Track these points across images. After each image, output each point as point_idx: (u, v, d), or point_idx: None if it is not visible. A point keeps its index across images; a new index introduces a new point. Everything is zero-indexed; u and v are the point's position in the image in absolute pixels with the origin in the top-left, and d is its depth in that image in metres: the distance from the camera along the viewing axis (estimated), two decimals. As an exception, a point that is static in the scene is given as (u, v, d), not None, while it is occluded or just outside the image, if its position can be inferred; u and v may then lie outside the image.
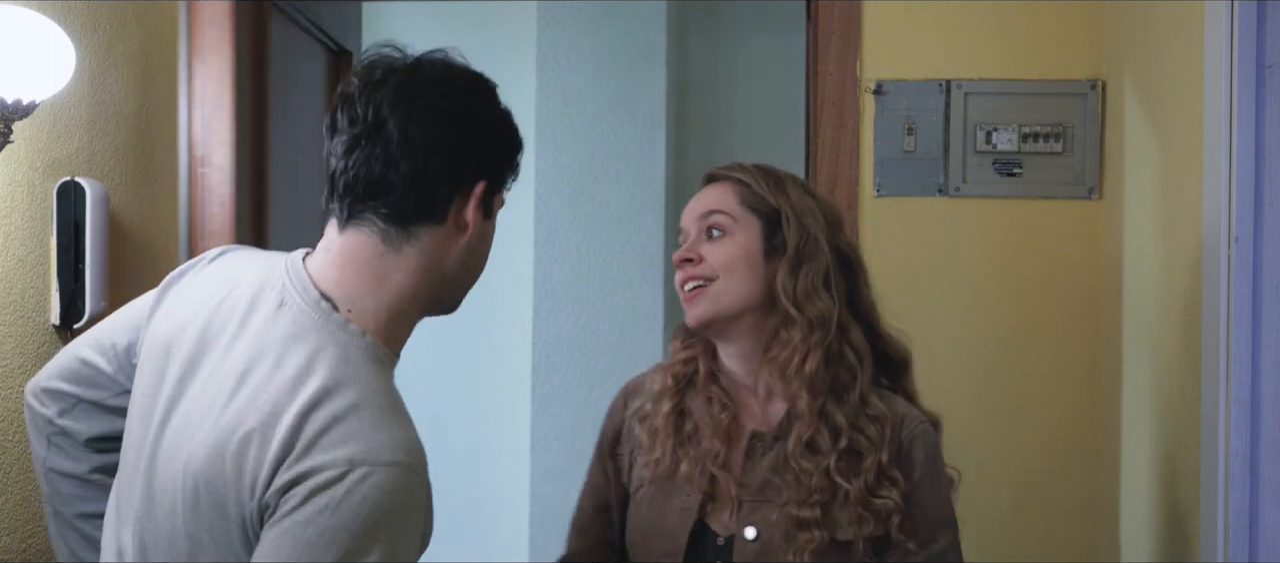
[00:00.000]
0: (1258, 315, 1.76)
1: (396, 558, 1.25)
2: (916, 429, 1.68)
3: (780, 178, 1.71)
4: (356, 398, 1.29)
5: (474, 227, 1.39)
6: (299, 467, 1.25)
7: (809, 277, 1.64)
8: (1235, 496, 1.77)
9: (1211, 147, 1.86)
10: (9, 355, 1.94)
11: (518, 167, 1.45)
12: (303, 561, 1.22)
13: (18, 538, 1.96)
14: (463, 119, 1.37)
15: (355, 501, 1.23)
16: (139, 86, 2.34)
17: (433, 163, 1.35)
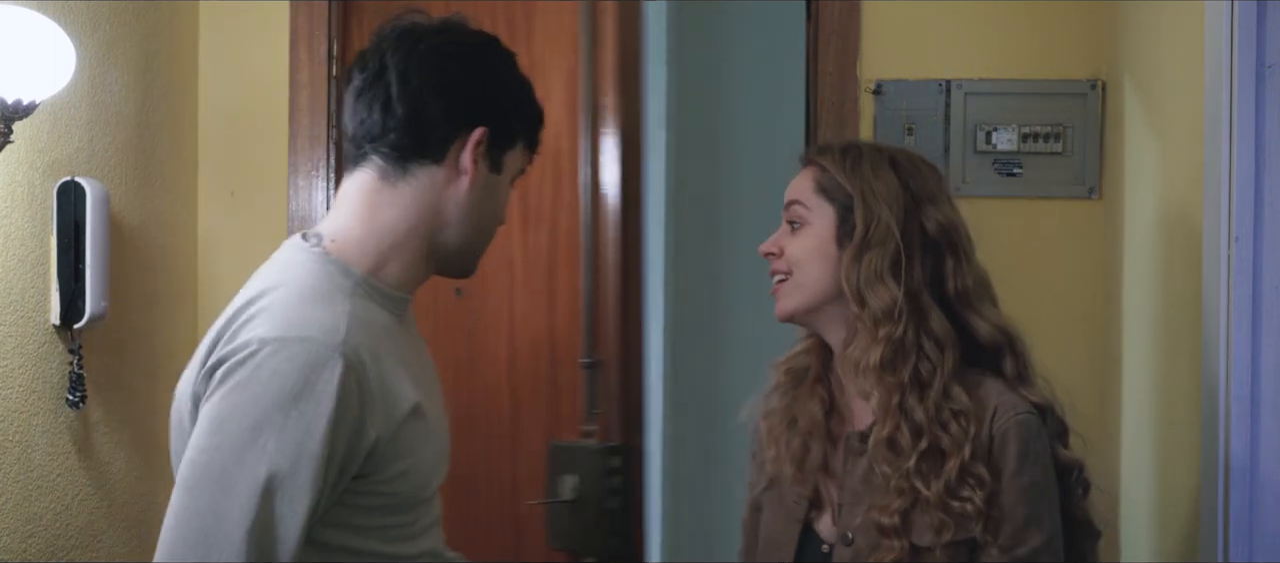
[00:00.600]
0: (1258, 315, 1.76)
1: (311, 434, 1.27)
2: (1010, 421, 1.52)
3: (862, 156, 1.59)
4: (284, 292, 1.35)
5: (475, 174, 1.43)
6: (218, 353, 1.32)
7: (871, 265, 1.53)
8: (1235, 496, 1.77)
9: (1211, 146, 1.86)
10: (9, 355, 1.94)
11: (533, 134, 1.50)
12: (218, 436, 1.27)
13: (18, 538, 1.96)
14: (463, 64, 1.43)
15: (264, 374, 1.27)
16: (139, 86, 2.34)
17: (430, 102, 1.41)
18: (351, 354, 1.31)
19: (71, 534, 2.11)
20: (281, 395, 1.27)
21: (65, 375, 2.07)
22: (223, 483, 1.26)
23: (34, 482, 2.00)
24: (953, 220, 1.59)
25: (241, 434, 1.27)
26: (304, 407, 1.27)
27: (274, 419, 1.27)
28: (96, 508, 2.19)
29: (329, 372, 1.29)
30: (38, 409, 2.01)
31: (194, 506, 1.27)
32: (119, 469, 2.27)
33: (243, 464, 1.26)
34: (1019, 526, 1.51)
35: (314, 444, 1.27)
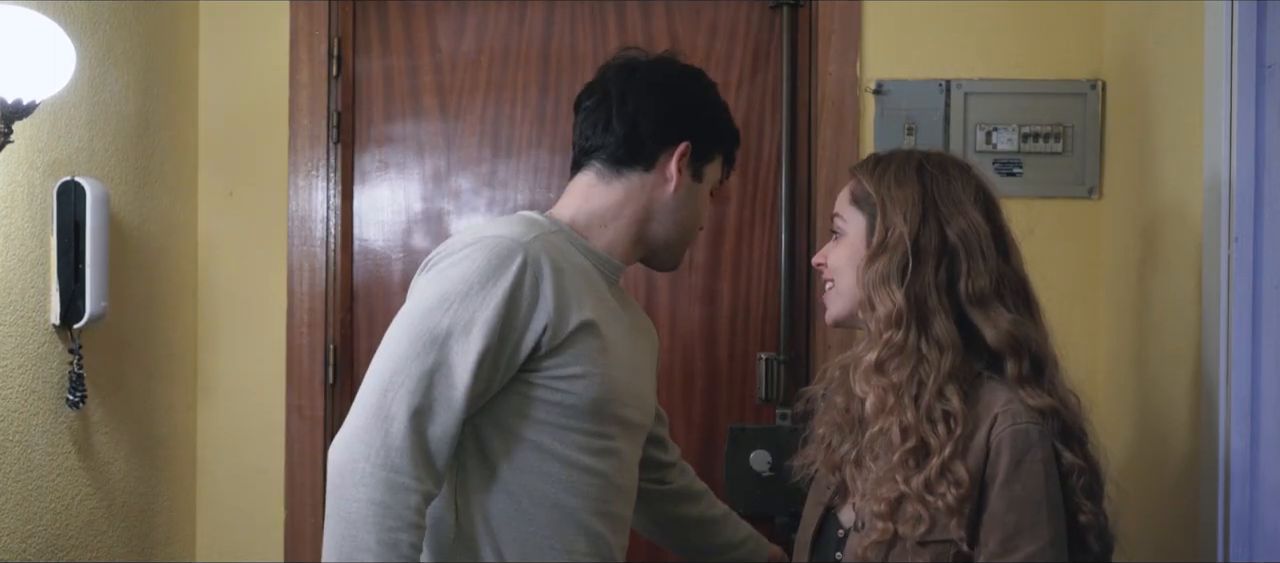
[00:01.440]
0: (1258, 315, 1.76)
1: (486, 305, 1.57)
2: (1006, 431, 1.54)
3: (890, 165, 1.65)
4: (493, 220, 1.77)
5: (679, 181, 1.76)
6: (429, 256, 1.68)
7: (879, 271, 1.59)
8: (1235, 496, 1.77)
9: (1211, 146, 1.86)
10: (9, 355, 1.94)
11: (730, 151, 1.83)
12: (415, 303, 1.61)
13: (17, 538, 1.96)
14: (671, 90, 1.77)
15: (458, 260, 1.61)
16: (139, 87, 2.34)
17: (643, 121, 1.75)
18: (532, 254, 1.61)
19: (71, 534, 2.11)
20: (470, 275, 1.59)
21: (65, 375, 2.07)
22: (410, 335, 1.57)
23: (34, 482, 2.00)
24: (974, 224, 1.60)
25: (432, 301, 1.59)
26: (486, 284, 1.58)
27: (459, 291, 1.58)
28: (96, 508, 2.19)
29: (511, 261, 1.60)
30: (38, 409, 2.01)
31: (389, 350, 1.58)
32: (119, 469, 2.27)
33: (428, 320, 1.58)
34: (1009, 534, 1.52)
35: (488, 313, 1.57)
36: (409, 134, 2.64)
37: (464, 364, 1.56)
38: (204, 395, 2.62)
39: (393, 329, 1.61)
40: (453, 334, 1.57)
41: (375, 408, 1.54)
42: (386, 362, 1.58)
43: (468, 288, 1.58)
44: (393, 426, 1.53)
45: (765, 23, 2.60)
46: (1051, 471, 1.55)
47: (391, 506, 1.51)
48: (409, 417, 1.54)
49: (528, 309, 1.60)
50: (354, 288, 2.65)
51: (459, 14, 2.64)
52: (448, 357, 1.56)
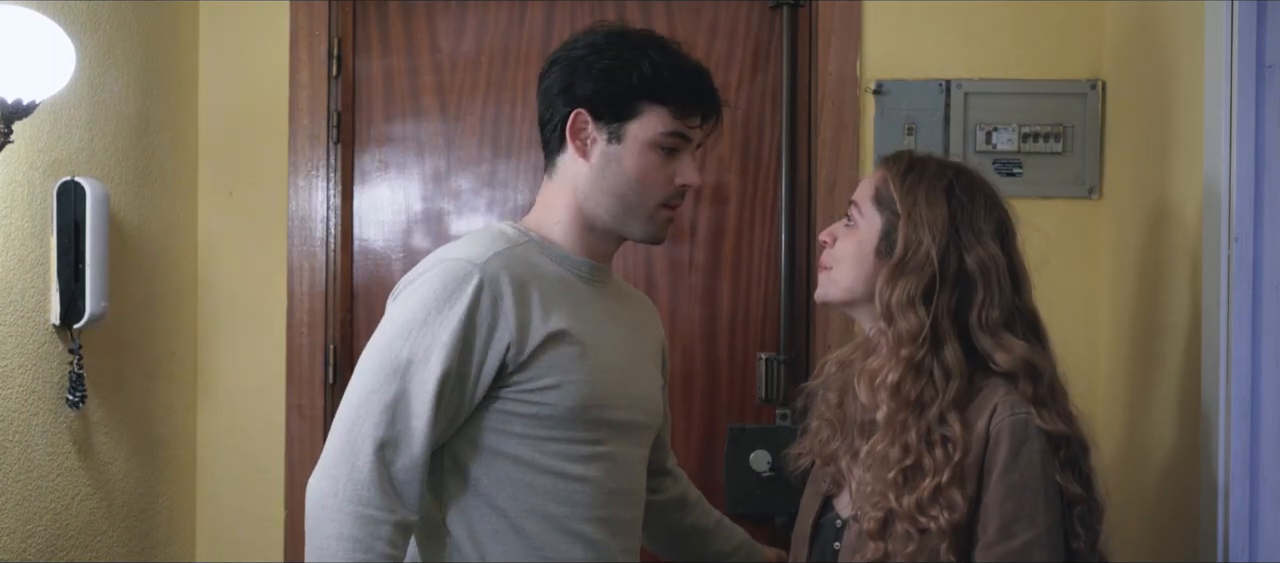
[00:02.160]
0: (1258, 315, 1.75)
1: (444, 329, 1.57)
2: (1005, 419, 1.56)
3: (923, 176, 1.64)
4: (459, 239, 1.74)
5: (581, 148, 1.70)
6: (398, 284, 1.68)
7: (905, 289, 1.58)
8: (1235, 496, 1.77)
9: (1211, 146, 1.85)
10: (9, 355, 1.94)
11: (665, 97, 1.68)
12: (381, 334, 1.62)
13: (17, 538, 1.96)
14: (562, 62, 1.72)
15: (418, 287, 1.61)
16: (139, 86, 2.34)
17: (545, 105, 1.74)
18: (489, 273, 1.61)
19: (71, 534, 2.11)
20: (427, 300, 1.59)
21: (65, 375, 2.07)
22: (375, 365, 1.59)
23: (34, 482, 2.00)
24: (993, 256, 1.62)
25: (395, 330, 1.60)
26: (443, 310, 1.59)
27: (418, 318, 1.59)
28: (96, 508, 2.19)
29: (467, 283, 1.59)
30: (38, 409, 2.01)
31: (357, 382, 1.60)
32: (119, 469, 2.27)
33: (391, 349, 1.59)
34: (1007, 521, 1.53)
35: (445, 337, 1.57)
36: (409, 134, 2.64)
37: (424, 392, 1.57)
38: (204, 395, 2.62)
39: (361, 359, 1.62)
40: (413, 363, 1.57)
41: (343, 442, 1.56)
42: (354, 394, 1.59)
43: (425, 314, 1.59)
44: (359, 459, 1.54)
45: (765, 23, 2.60)
46: (1049, 460, 1.56)
47: (361, 539, 1.52)
48: (374, 450, 1.55)
49: (487, 330, 1.60)
50: (354, 288, 2.65)
51: (459, 14, 2.64)
52: (408, 386, 1.57)
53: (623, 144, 1.69)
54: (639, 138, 1.69)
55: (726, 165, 2.60)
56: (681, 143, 1.72)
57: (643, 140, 1.69)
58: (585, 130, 1.70)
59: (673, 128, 1.70)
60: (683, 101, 1.70)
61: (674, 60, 1.71)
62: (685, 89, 1.71)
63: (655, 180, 1.71)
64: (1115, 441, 2.41)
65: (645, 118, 1.69)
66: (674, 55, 1.72)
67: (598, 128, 1.69)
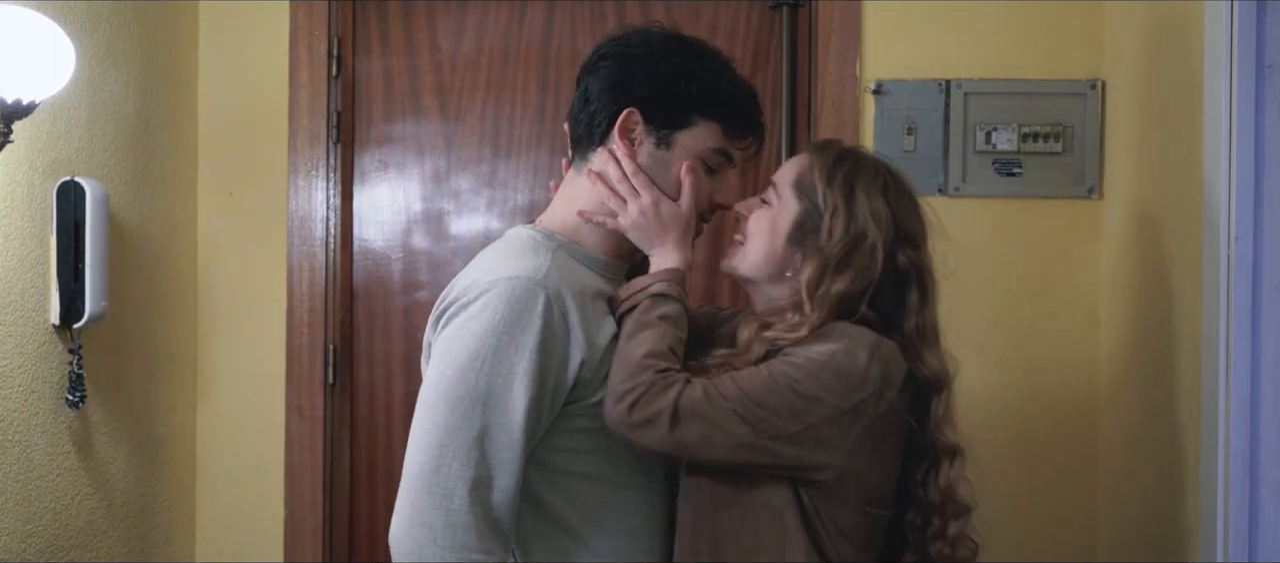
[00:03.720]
0: (1258, 315, 1.76)
1: (521, 355, 1.48)
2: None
3: (857, 172, 1.61)
4: (495, 249, 1.63)
5: (639, 151, 1.62)
6: (442, 304, 1.57)
7: (844, 284, 1.56)
8: (1235, 496, 1.77)
9: (1211, 146, 1.86)
10: (9, 355, 1.94)
11: (722, 116, 1.63)
12: (445, 363, 1.50)
13: (17, 538, 1.96)
14: (621, 57, 1.64)
15: (479, 309, 1.50)
16: (139, 86, 2.34)
17: (594, 96, 1.64)
18: (552, 288, 1.52)
19: (71, 534, 2.11)
20: (495, 324, 1.49)
21: (65, 375, 2.07)
22: (449, 401, 1.48)
23: (34, 482, 2.00)
24: (926, 261, 1.62)
25: (464, 361, 1.49)
26: (515, 333, 1.49)
27: (489, 345, 1.48)
28: (96, 508, 2.19)
29: (535, 302, 1.50)
30: (37, 409, 2.01)
31: (429, 420, 1.49)
32: (119, 469, 2.27)
33: (465, 382, 1.48)
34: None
35: (526, 363, 1.48)
36: (409, 134, 2.64)
37: (512, 424, 1.48)
38: (204, 395, 2.62)
39: (427, 395, 1.51)
40: (493, 393, 1.48)
41: (430, 486, 1.46)
42: (430, 433, 1.48)
43: (497, 341, 1.48)
44: (453, 502, 1.45)
45: (765, 23, 2.60)
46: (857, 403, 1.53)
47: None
48: (469, 491, 1.46)
49: (563, 348, 1.52)
50: (354, 288, 2.65)
51: (459, 14, 2.64)
52: (492, 418, 1.48)
53: (671, 151, 1.63)
54: (688, 149, 1.64)
55: (726, 165, 2.59)
56: (725, 162, 1.67)
57: (691, 152, 1.64)
58: (635, 131, 1.62)
59: (721, 145, 1.65)
60: (736, 121, 1.65)
61: (732, 78, 1.66)
62: (740, 109, 1.66)
63: (694, 195, 1.65)
64: (1115, 440, 2.41)
65: (697, 130, 1.63)
66: (732, 74, 1.67)
67: (646, 131, 1.62)
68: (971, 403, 2.51)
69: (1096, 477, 2.49)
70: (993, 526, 2.52)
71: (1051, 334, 2.52)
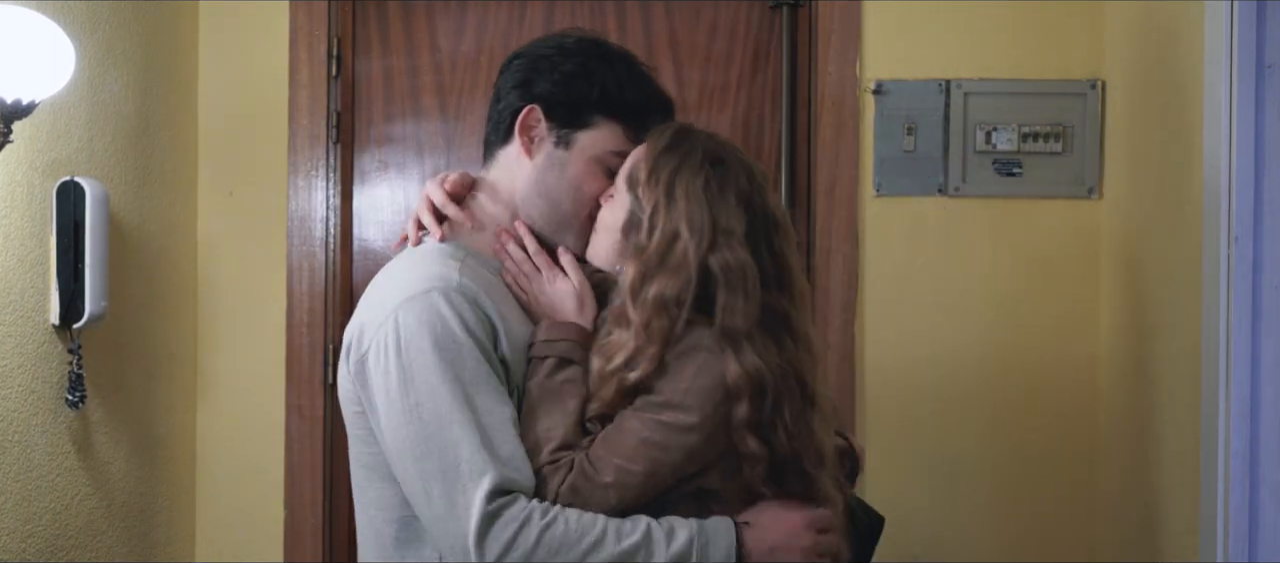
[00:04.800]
0: (1258, 315, 1.76)
1: (468, 349, 1.47)
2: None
3: (680, 167, 1.56)
4: (399, 265, 1.60)
5: (526, 146, 1.62)
6: (359, 350, 1.53)
7: (661, 288, 1.52)
8: (1235, 496, 1.77)
9: (1211, 147, 1.86)
10: (9, 355, 1.94)
11: (624, 117, 1.62)
12: (409, 397, 1.48)
13: (17, 538, 1.96)
14: (525, 58, 1.65)
15: (409, 331, 1.48)
16: (139, 86, 2.34)
17: (500, 96, 1.66)
18: (467, 289, 1.51)
19: (71, 534, 2.11)
20: (432, 337, 1.47)
21: (65, 375, 2.07)
22: (439, 422, 1.45)
23: (34, 482, 2.00)
24: (741, 260, 1.53)
25: (426, 381, 1.46)
26: (453, 335, 1.47)
27: (434, 357, 1.46)
28: (96, 508, 2.19)
29: (455, 302, 1.49)
30: (37, 409, 2.01)
31: (427, 450, 1.45)
32: (119, 469, 2.27)
33: (439, 397, 1.45)
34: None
35: (478, 351, 1.48)
36: (409, 134, 2.64)
37: (501, 407, 1.48)
38: (204, 395, 2.62)
39: (411, 432, 1.47)
40: (470, 390, 1.47)
41: (450, 507, 1.44)
42: (437, 461, 1.45)
43: (438, 350, 1.47)
44: (474, 508, 1.43)
45: (765, 23, 2.60)
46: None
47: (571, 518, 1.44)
48: (487, 484, 1.44)
49: (491, 338, 1.52)
50: (353, 288, 2.65)
51: (459, 14, 2.64)
52: (483, 412, 1.46)
53: (570, 151, 1.62)
54: (587, 150, 1.62)
55: (726, 165, 2.59)
56: None
57: (590, 153, 1.62)
58: (536, 128, 1.62)
59: (623, 147, 1.62)
60: (639, 124, 1.63)
61: (641, 82, 1.65)
62: (644, 111, 1.64)
63: (593, 196, 1.63)
64: (1115, 440, 2.41)
65: (598, 131, 1.62)
66: (643, 77, 1.66)
67: (548, 128, 1.62)
68: (971, 402, 2.52)
69: (1096, 477, 2.49)
70: (990, 525, 2.53)
71: (1051, 334, 2.52)
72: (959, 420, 2.53)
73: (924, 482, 2.52)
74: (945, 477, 2.52)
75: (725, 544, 1.47)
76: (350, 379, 1.55)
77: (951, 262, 2.53)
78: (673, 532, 1.46)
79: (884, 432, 2.53)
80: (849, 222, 2.53)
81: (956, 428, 2.53)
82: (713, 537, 1.47)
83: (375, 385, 1.50)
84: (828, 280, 2.53)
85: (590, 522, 1.44)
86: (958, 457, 2.53)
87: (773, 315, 1.54)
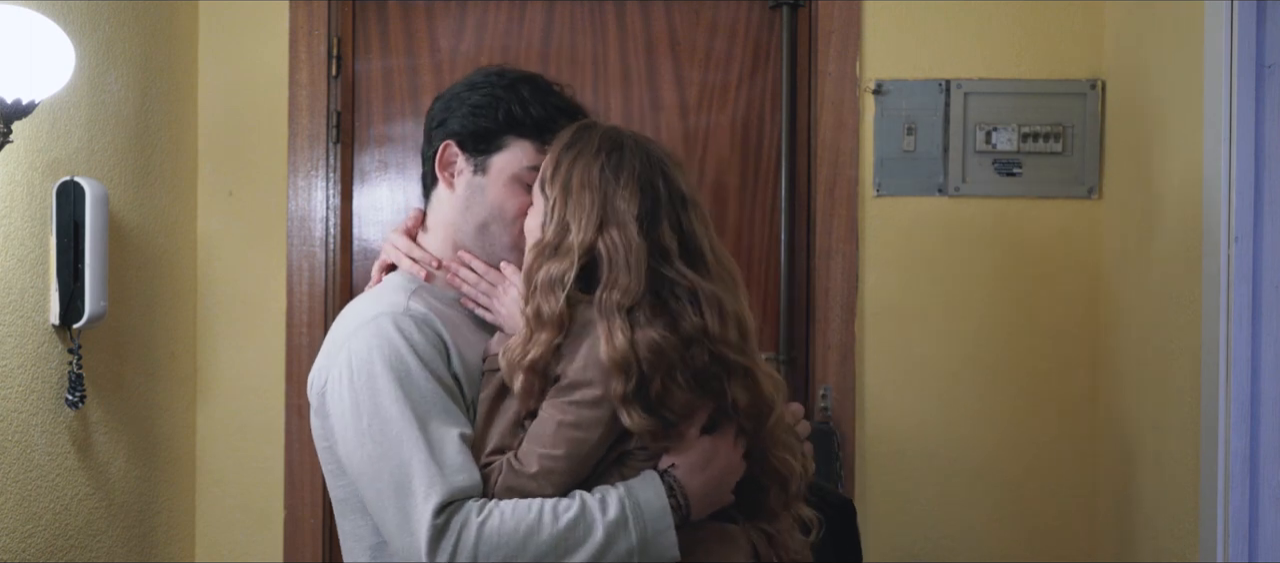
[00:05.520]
0: (1258, 315, 1.76)
1: (416, 370, 1.53)
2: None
3: (577, 158, 1.60)
4: (356, 301, 1.68)
5: (448, 179, 1.70)
6: (319, 381, 1.61)
7: (549, 272, 1.55)
8: (1235, 496, 1.77)
9: (1211, 146, 1.86)
10: (9, 355, 1.94)
11: (524, 132, 1.67)
12: (360, 423, 1.53)
13: (17, 538, 1.96)
14: (444, 100, 1.73)
15: (360, 358, 1.54)
16: (138, 86, 2.34)
17: (426, 136, 1.74)
18: (418, 313, 1.59)
19: (71, 534, 2.11)
20: (381, 360, 1.53)
21: (64, 375, 2.07)
22: (391, 442, 1.50)
23: (33, 482, 2.00)
24: (627, 239, 1.55)
25: (377, 403, 1.52)
26: (401, 357, 1.54)
27: (384, 380, 1.52)
28: (96, 508, 2.19)
29: (403, 325, 1.56)
30: (37, 409, 2.01)
31: (381, 470, 1.51)
32: (118, 469, 2.27)
33: (390, 418, 1.51)
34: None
35: (426, 370, 1.54)
36: (409, 134, 2.64)
37: (452, 429, 1.52)
38: (204, 395, 2.62)
39: (363, 457, 1.52)
40: (421, 411, 1.52)
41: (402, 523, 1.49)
42: (387, 479, 1.50)
43: (389, 371, 1.52)
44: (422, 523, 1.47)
45: (765, 23, 2.60)
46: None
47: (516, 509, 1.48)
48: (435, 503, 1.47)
49: (443, 360, 1.57)
50: (353, 288, 2.65)
51: (459, 14, 2.64)
52: (433, 433, 1.51)
53: (487, 175, 1.68)
54: (503, 171, 1.68)
55: (726, 165, 2.60)
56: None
57: (507, 173, 1.67)
58: (454, 163, 1.69)
59: (536, 162, 1.66)
60: (548, 137, 1.67)
61: (546, 98, 1.70)
62: (551, 125, 1.68)
63: (516, 213, 1.68)
64: (1115, 440, 2.41)
65: (510, 151, 1.67)
66: (548, 94, 1.71)
67: (466, 160, 1.69)
68: (971, 402, 2.52)
69: (1096, 477, 2.49)
70: (990, 525, 2.53)
71: (1051, 334, 2.52)
72: (959, 420, 2.53)
73: (924, 481, 2.52)
74: (945, 477, 2.52)
75: (654, 494, 1.50)
76: (315, 417, 1.62)
77: (951, 262, 2.53)
78: (604, 501, 1.49)
79: (884, 431, 2.53)
80: (849, 222, 2.53)
81: (956, 428, 2.53)
82: (641, 494, 1.50)
83: (334, 414, 1.57)
84: (828, 280, 2.54)
85: (526, 508, 1.48)
86: (958, 457, 2.53)
87: (672, 289, 1.55)
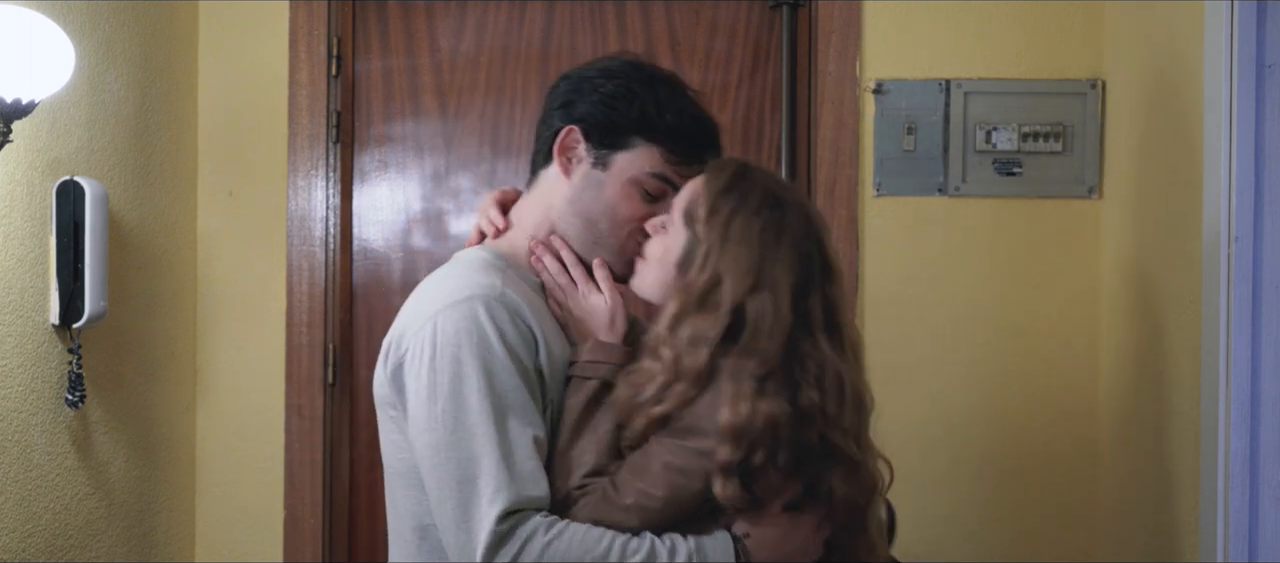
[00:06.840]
0: (1258, 315, 1.76)
1: (502, 363, 1.48)
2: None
3: (739, 206, 1.54)
4: (443, 272, 1.63)
5: (565, 166, 1.64)
6: (398, 352, 1.55)
7: (697, 327, 1.50)
8: (1235, 496, 1.77)
9: (1211, 146, 1.86)
10: (9, 355, 1.94)
11: (656, 138, 1.62)
12: (436, 406, 1.49)
13: (17, 538, 1.96)
14: (572, 79, 1.67)
15: (445, 338, 1.50)
16: (138, 86, 2.34)
17: (545, 117, 1.68)
18: (510, 299, 1.53)
19: (71, 534, 2.11)
20: (468, 346, 1.48)
21: (64, 375, 2.07)
22: (464, 433, 1.47)
23: (33, 482, 2.00)
24: (778, 309, 1.51)
25: (457, 390, 1.47)
26: (489, 345, 1.49)
27: (467, 367, 1.48)
28: (96, 508, 2.19)
29: (496, 314, 1.50)
30: (37, 409, 2.01)
31: (448, 459, 1.47)
32: (118, 469, 2.27)
33: (468, 408, 1.47)
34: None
35: (513, 364, 1.49)
36: (409, 134, 2.64)
37: (527, 432, 1.49)
38: (204, 395, 2.62)
39: (435, 439, 1.48)
40: (500, 408, 1.48)
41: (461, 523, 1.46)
42: (455, 471, 1.46)
43: (473, 358, 1.48)
44: (485, 527, 1.44)
45: (765, 22, 2.60)
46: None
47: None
48: (499, 510, 1.44)
49: (530, 353, 1.53)
50: (353, 288, 2.65)
51: (459, 14, 2.64)
52: (511, 433, 1.47)
53: (607, 172, 1.62)
54: (625, 171, 1.62)
55: (726, 165, 2.59)
56: (666, 189, 1.63)
57: (627, 175, 1.62)
58: (575, 149, 1.63)
59: (661, 170, 1.62)
60: (678, 147, 1.63)
61: (682, 105, 1.65)
62: (684, 135, 1.63)
63: (629, 217, 1.63)
64: (1115, 440, 2.41)
65: (636, 152, 1.62)
66: (685, 100, 1.65)
67: (587, 149, 1.63)
68: (971, 402, 2.52)
69: (1097, 477, 2.49)
70: (990, 525, 2.53)
71: (1051, 334, 2.52)
72: (959, 420, 2.53)
73: (924, 481, 2.52)
74: (945, 476, 2.52)
75: (723, 559, 1.47)
76: (387, 383, 1.56)
77: (951, 261, 2.53)
78: (674, 550, 1.46)
79: (883, 431, 2.53)
80: (849, 221, 2.53)
81: (956, 428, 2.53)
82: (711, 554, 1.47)
83: (410, 389, 1.52)
84: (828, 280, 2.54)
85: (596, 538, 1.45)
86: (957, 456, 2.53)
87: (803, 362, 1.51)
